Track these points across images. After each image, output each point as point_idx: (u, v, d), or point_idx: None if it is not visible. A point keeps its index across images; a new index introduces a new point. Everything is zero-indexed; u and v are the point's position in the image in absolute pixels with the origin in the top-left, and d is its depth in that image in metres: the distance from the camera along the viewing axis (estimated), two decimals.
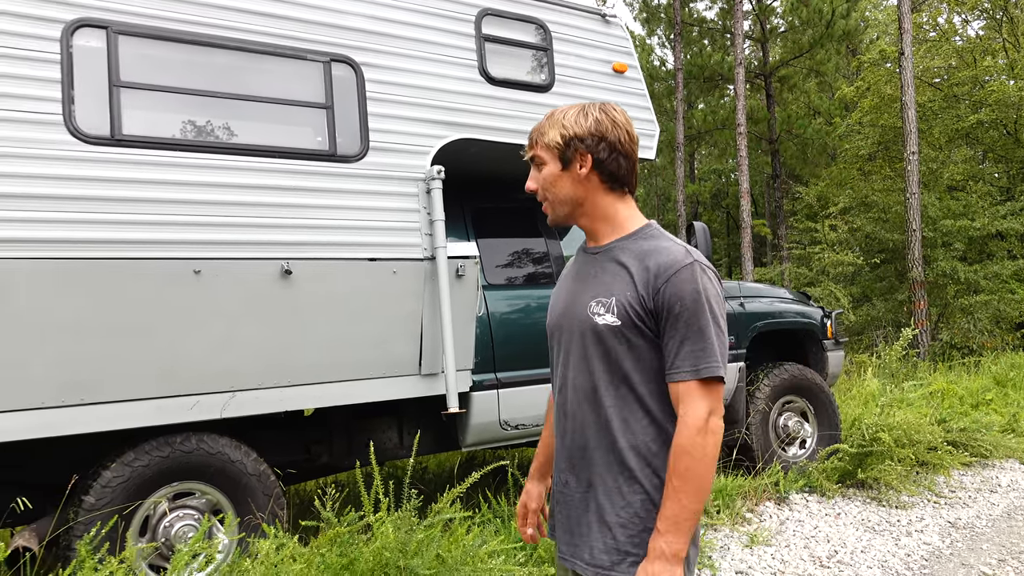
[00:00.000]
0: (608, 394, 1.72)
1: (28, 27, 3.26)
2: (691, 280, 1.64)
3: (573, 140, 1.74)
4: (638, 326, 1.68)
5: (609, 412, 1.72)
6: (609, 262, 1.76)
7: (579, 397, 1.77)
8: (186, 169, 3.53)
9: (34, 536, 3.47)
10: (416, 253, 4.09)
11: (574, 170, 1.75)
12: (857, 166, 18.00)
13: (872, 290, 15.51)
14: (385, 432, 4.65)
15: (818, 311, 6.41)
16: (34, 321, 3.20)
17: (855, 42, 22.44)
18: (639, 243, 1.75)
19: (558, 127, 1.76)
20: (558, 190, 1.78)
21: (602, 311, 1.71)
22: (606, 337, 1.70)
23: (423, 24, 4.26)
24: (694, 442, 1.59)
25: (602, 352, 1.72)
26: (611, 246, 1.78)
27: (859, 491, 5.70)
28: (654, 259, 1.68)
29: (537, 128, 1.80)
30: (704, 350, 1.62)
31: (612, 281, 1.72)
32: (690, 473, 1.59)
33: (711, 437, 1.61)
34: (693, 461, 1.59)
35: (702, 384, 1.62)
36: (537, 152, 1.79)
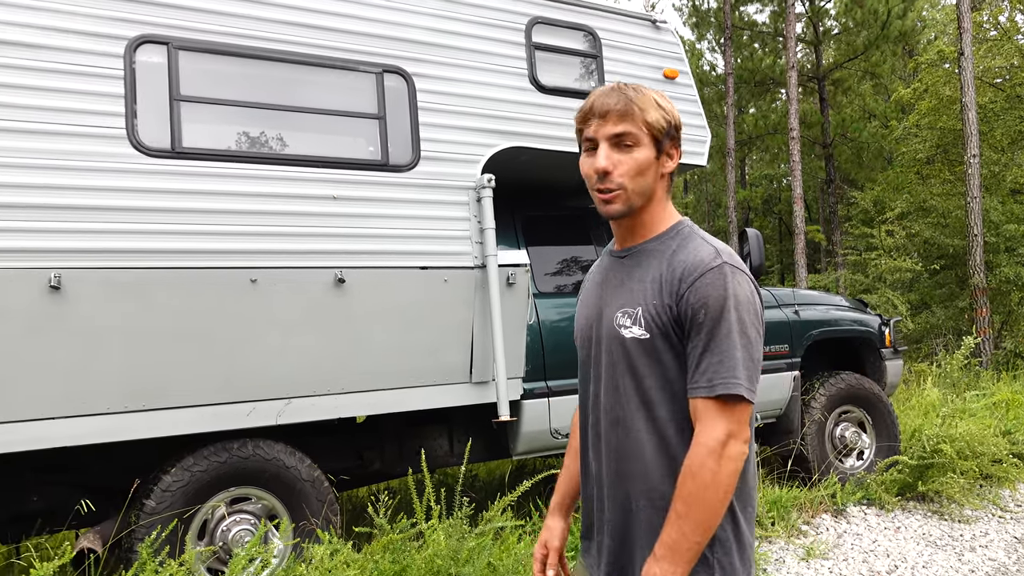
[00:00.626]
0: (639, 415, 1.55)
1: (94, 44, 3.37)
2: (718, 284, 1.46)
3: (672, 128, 1.57)
4: (667, 338, 1.51)
5: (642, 436, 1.55)
6: (636, 267, 1.60)
7: (610, 418, 1.60)
8: (243, 180, 3.61)
9: (98, 538, 3.57)
10: (467, 261, 4.11)
11: (662, 161, 1.58)
12: (915, 170, 17.56)
13: (931, 297, 15.10)
14: (436, 440, 4.68)
15: (875, 319, 6.26)
16: (100, 330, 3.30)
17: (912, 43, 21.92)
18: (667, 243, 1.58)
19: (658, 108, 1.54)
20: (644, 179, 1.55)
21: (629, 323, 1.55)
22: (633, 352, 1.54)
23: (473, 34, 4.29)
24: (704, 465, 1.42)
25: (630, 369, 1.56)
26: (639, 248, 1.62)
27: (920, 504, 5.54)
28: (680, 261, 1.52)
29: (626, 101, 1.53)
30: (723, 363, 1.44)
31: (638, 288, 1.56)
32: (694, 499, 1.42)
33: (726, 463, 1.42)
34: (698, 487, 1.42)
35: (719, 403, 1.44)
36: (634, 130, 1.53)
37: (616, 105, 1.52)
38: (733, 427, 1.44)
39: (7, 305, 3.12)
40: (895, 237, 14.79)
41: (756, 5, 22.37)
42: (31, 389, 3.18)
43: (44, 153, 3.23)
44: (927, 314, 14.52)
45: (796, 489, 5.34)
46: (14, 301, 3.14)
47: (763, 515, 4.85)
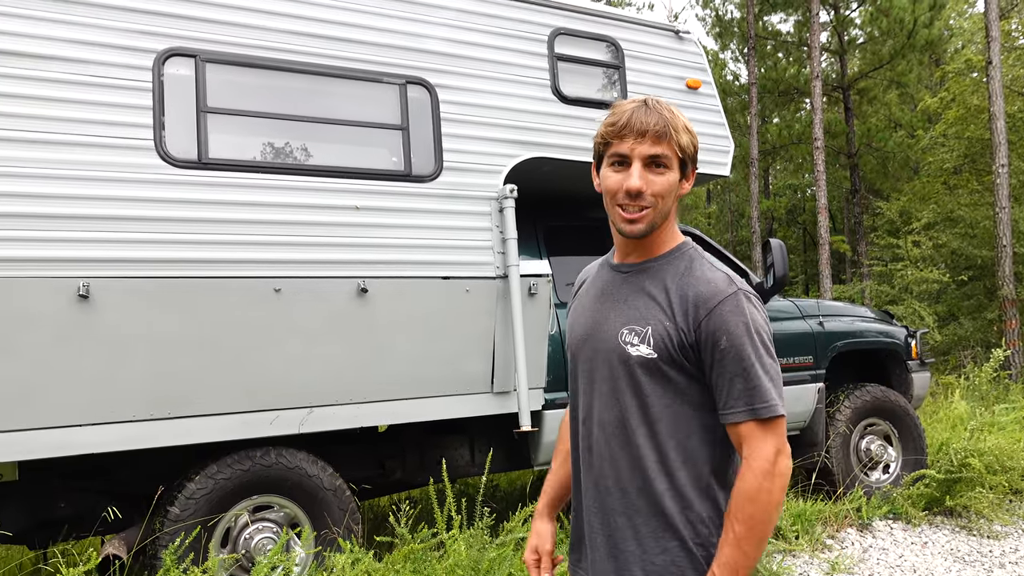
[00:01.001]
0: (640, 432, 1.56)
1: (123, 57, 3.43)
2: (737, 312, 1.50)
3: (696, 152, 1.60)
4: (676, 360, 1.53)
5: (642, 451, 1.56)
6: (642, 285, 1.60)
7: (607, 433, 1.60)
8: (267, 190, 3.65)
9: (123, 544, 3.60)
10: (489, 271, 4.12)
11: (682, 184, 1.59)
12: (942, 180, 17.36)
13: (959, 309, 14.89)
14: (457, 449, 4.68)
15: (902, 330, 6.18)
16: (126, 338, 3.34)
17: (938, 52, 21.71)
18: (674, 263, 1.60)
19: (688, 132, 1.56)
20: (668, 200, 1.57)
21: (636, 341, 1.55)
22: (638, 371, 1.55)
23: (496, 45, 4.32)
24: (760, 487, 1.45)
25: (633, 386, 1.56)
26: (645, 266, 1.62)
27: (947, 519, 5.45)
28: (694, 287, 1.53)
29: (663, 123, 1.53)
30: (758, 388, 1.49)
31: (647, 308, 1.57)
32: (754, 521, 1.45)
33: (778, 481, 1.47)
34: (758, 508, 1.45)
35: (761, 424, 1.49)
36: (667, 153, 1.53)
37: (655, 126, 1.52)
38: (779, 444, 1.50)
39: (37, 313, 3.18)
40: (922, 248, 14.62)
41: (780, 15, 22.26)
42: (59, 396, 3.23)
43: (74, 164, 3.28)
44: (954, 326, 14.32)
45: (820, 502, 5.28)
46: (44, 309, 3.19)
47: (787, 528, 4.80)
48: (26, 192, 3.19)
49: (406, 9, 4.10)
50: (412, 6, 4.12)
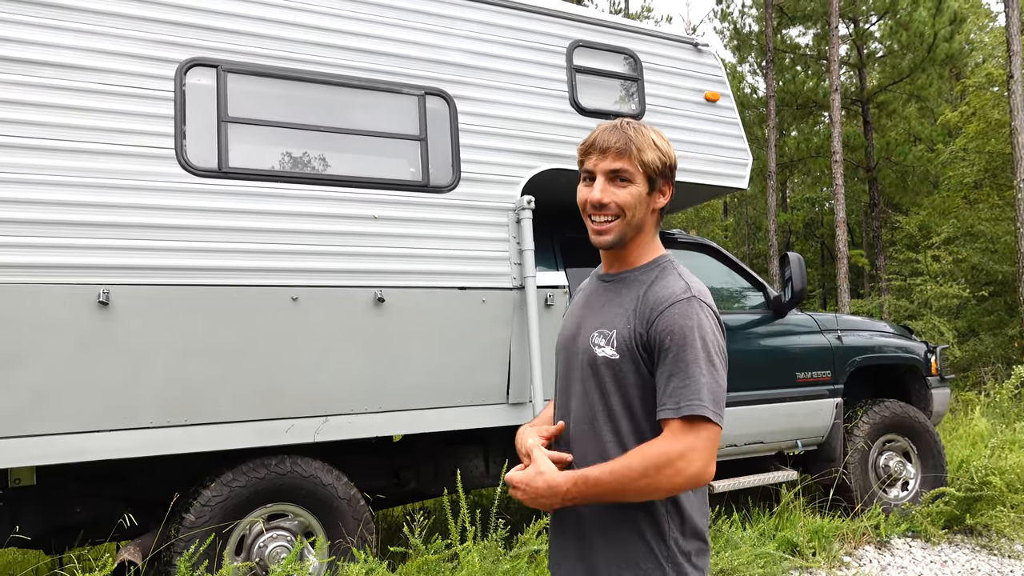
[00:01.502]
0: (606, 428, 1.65)
1: (146, 67, 3.47)
2: (684, 315, 1.57)
3: (666, 168, 1.68)
4: (636, 361, 1.61)
5: (604, 448, 1.63)
6: (616, 293, 1.71)
7: (579, 429, 1.70)
8: (286, 200, 3.67)
9: (138, 551, 3.62)
10: (505, 282, 4.12)
11: (654, 197, 1.69)
12: (962, 194, 17.22)
13: (979, 324, 14.74)
14: (472, 460, 4.67)
15: (921, 346, 6.12)
16: (144, 345, 3.36)
17: (959, 66, 21.57)
18: (648, 274, 1.69)
19: (654, 149, 1.65)
20: (636, 213, 1.67)
21: (603, 343, 1.65)
22: (603, 370, 1.65)
23: (515, 57, 4.33)
24: (651, 463, 1.51)
25: (599, 385, 1.66)
26: (622, 276, 1.73)
27: (967, 538, 5.38)
28: (653, 292, 1.63)
29: (626, 140, 1.64)
30: (688, 387, 1.53)
31: (616, 312, 1.67)
32: (629, 479, 1.52)
33: (671, 477, 1.50)
34: (635, 470, 1.51)
35: (684, 423, 1.52)
36: (629, 168, 1.64)
37: (616, 143, 1.65)
38: (694, 445, 1.52)
39: (57, 319, 3.21)
40: (941, 262, 14.50)
41: (799, 28, 22.22)
42: (77, 402, 3.26)
43: (96, 172, 3.32)
44: (975, 342, 14.18)
45: (838, 519, 5.22)
46: (64, 315, 3.22)
47: (804, 545, 4.75)
48: (48, 199, 3.23)
49: (425, 21, 4.12)
50: (431, 18, 4.14)
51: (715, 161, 4.91)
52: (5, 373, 3.13)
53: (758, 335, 5.33)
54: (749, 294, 5.54)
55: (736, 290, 5.53)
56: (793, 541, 4.78)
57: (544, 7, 4.50)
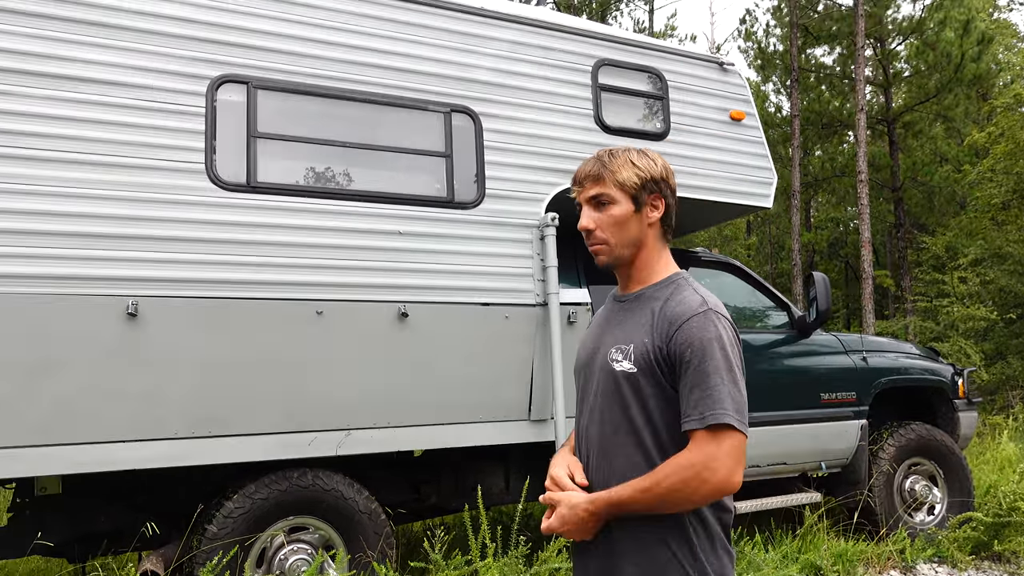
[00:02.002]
0: (622, 444, 1.68)
1: (179, 83, 3.54)
2: (703, 327, 1.61)
3: (649, 182, 1.73)
4: (654, 374, 1.65)
5: (622, 463, 1.67)
6: (633, 310, 1.75)
7: (595, 448, 1.74)
8: (313, 214, 3.71)
9: (160, 561, 3.64)
10: (529, 299, 4.13)
11: (644, 212, 1.74)
12: (990, 215, 17.01)
13: (1007, 347, 14.50)
14: (493, 476, 4.66)
15: (948, 368, 6.04)
16: (171, 357, 3.40)
17: (986, 86, 21.38)
18: (663, 291, 1.73)
19: (630, 167, 1.72)
20: (626, 232, 1.73)
21: (620, 357, 1.70)
22: (622, 384, 1.68)
23: (541, 75, 4.36)
24: (677, 471, 1.55)
25: (619, 399, 1.69)
26: (640, 294, 1.77)
27: (995, 565, 5.28)
28: (671, 307, 1.67)
29: (600, 166, 1.74)
30: (711, 396, 1.57)
31: (632, 329, 1.71)
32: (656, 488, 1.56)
33: (704, 486, 1.54)
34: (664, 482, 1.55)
35: (709, 433, 1.56)
36: (606, 191, 1.73)
37: (591, 171, 1.75)
38: (719, 453, 1.55)
39: (86, 330, 3.25)
40: (968, 284, 14.31)
41: (824, 47, 22.14)
42: (104, 412, 3.29)
43: (127, 186, 3.37)
44: (1002, 365, 13.95)
45: (863, 543, 5.15)
46: (93, 327, 3.26)
47: (827, 568, 4.69)
48: (79, 212, 3.28)
49: (452, 39, 4.16)
50: (458, 36, 4.18)
51: (740, 180, 4.90)
52: (34, 383, 3.18)
53: (782, 355, 5.29)
54: (773, 314, 5.50)
55: (760, 309, 5.50)
56: (817, 564, 4.72)
57: (570, 26, 4.53)
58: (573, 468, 1.77)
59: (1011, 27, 26.08)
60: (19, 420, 3.16)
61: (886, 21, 20.01)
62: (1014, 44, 25.18)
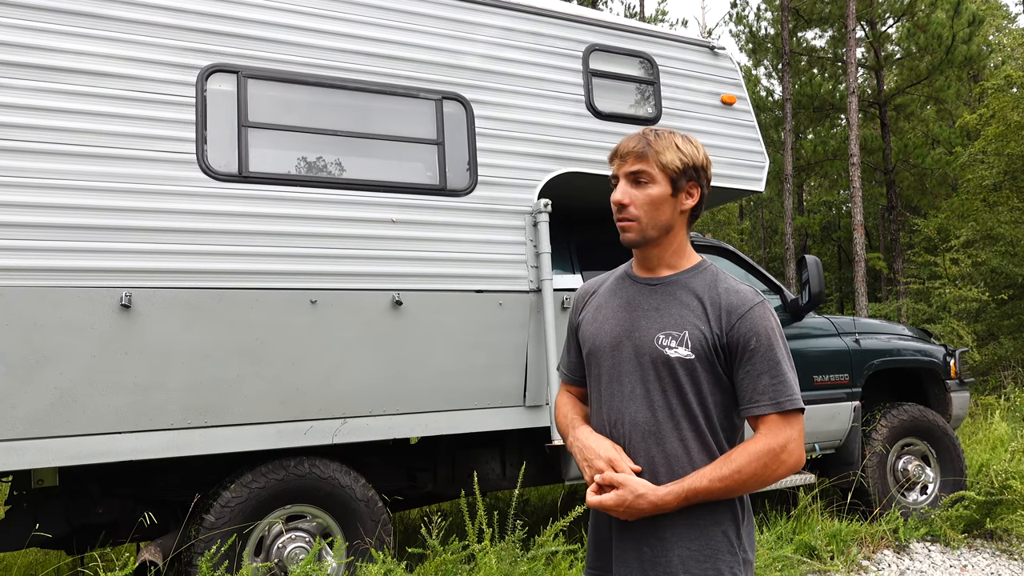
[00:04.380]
0: (675, 428, 1.70)
1: (169, 73, 3.52)
2: (764, 317, 1.69)
3: (690, 169, 1.73)
4: (711, 361, 1.69)
5: (676, 447, 1.69)
6: (673, 295, 1.75)
7: (640, 432, 1.71)
8: (306, 203, 3.71)
9: (159, 551, 3.65)
10: (522, 285, 4.14)
11: (680, 198, 1.75)
12: (981, 197, 17.06)
13: (999, 328, 14.59)
14: (488, 463, 4.68)
15: (940, 349, 6.08)
16: (166, 347, 3.40)
17: (977, 68, 21.41)
18: (703, 278, 1.76)
19: (675, 151, 1.72)
20: (660, 214, 1.73)
21: (674, 344, 1.70)
22: (677, 370, 1.70)
23: (532, 61, 4.35)
24: (761, 455, 1.63)
25: (671, 386, 1.70)
26: (674, 279, 1.77)
27: (987, 542, 5.33)
28: (725, 297, 1.71)
29: (645, 144, 1.72)
30: (783, 383, 1.66)
31: (683, 314, 1.72)
32: (740, 474, 1.62)
33: (778, 466, 1.64)
34: (747, 465, 1.62)
35: (783, 417, 1.65)
36: (648, 169, 1.71)
37: (635, 148, 1.73)
38: (794, 435, 1.65)
39: (81, 322, 3.25)
40: (960, 265, 14.37)
41: (815, 31, 22.12)
42: (100, 404, 3.30)
43: (118, 177, 3.37)
44: (994, 345, 14.05)
45: (856, 523, 5.20)
46: (87, 319, 3.26)
47: (822, 548, 4.73)
48: (71, 204, 3.27)
49: (442, 26, 4.15)
50: (448, 23, 4.17)
51: (732, 164, 4.91)
52: (29, 375, 3.18)
53: None
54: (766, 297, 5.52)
55: None
56: (811, 544, 4.76)
57: (560, 12, 4.52)
58: (619, 450, 1.73)
59: (1002, 8, 26.10)
60: (15, 413, 3.16)
61: (877, 3, 19.99)
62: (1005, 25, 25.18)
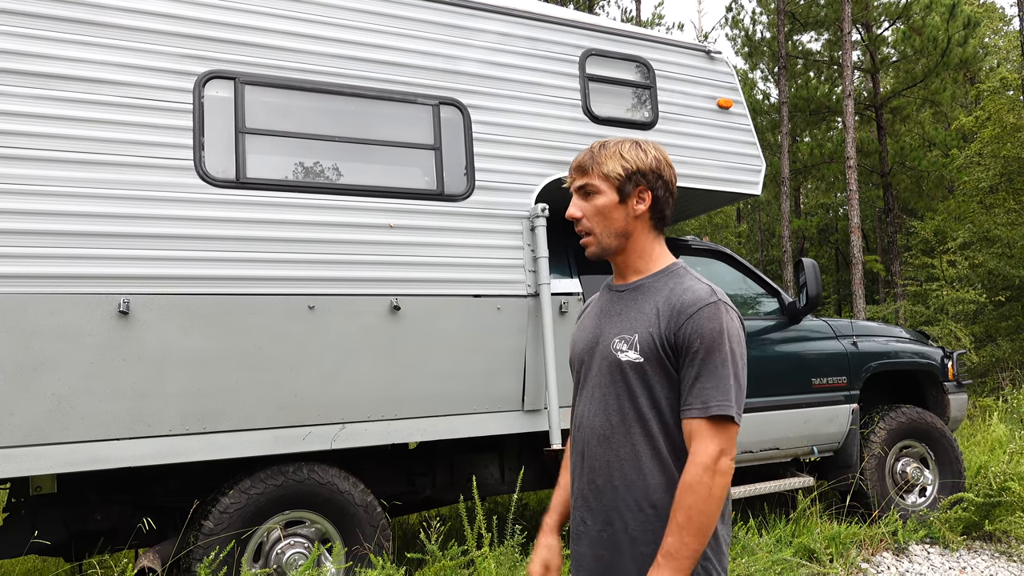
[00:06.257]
0: (626, 432, 1.69)
1: (166, 80, 3.53)
2: (713, 318, 1.63)
3: (635, 175, 1.74)
4: (661, 363, 1.67)
5: (627, 451, 1.69)
6: (635, 300, 1.75)
7: (596, 436, 1.74)
8: (303, 209, 3.71)
9: (157, 557, 3.65)
10: (520, 290, 4.14)
11: (630, 204, 1.75)
12: (978, 199, 17.11)
13: (996, 329, 14.61)
14: (487, 467, 4.68)
15: (938, 351, 6.09)
16: (164, 354, 3.40)
17: (973, 70, 21.45)
18: (665, 280, 1.74)
19: (618, 159, 1.74)
20: (611, 222, 1.75)
21: (625, 347, 1.70)
22: (629, 374, 1.69)
23: (528, 66, 4.36)
24: (700, 480, 1.57)
25: (624, 389, 1.70)
26: (639, 284, 1.77)
27: (986, 544, 5.34)
28: (679, 297, 1.68)
29: (589, 157, 1.77)
30: (716, 388, 1.60)
31: (637, 318, 1.72)
32: (692, 511, 1.56)
33: (719, 478, 1.58)
34: (697, 499, 1.56)
35: (711, 423, 1.60)
36: (592, 181, 1.75)
37: (579, 162, 1.79)
38: (724, 445, 1.60)
39: (79, 329, 3.25)
40: (957, 267, 14.40)
41: (811, 34, 22.16)
42: (98, 410, 3.29)
43: (116, 184, 3.37)
44: (992, 347, 14.06)
45: (855, 525, 5.20)
46: (85, 325, 3.26)
47: (821, 551, 4.73)
48: (69, 211, 3.28)
49: (440, 32, 4.16)
50: (446, 29, 4.18)
51: (728, 168, 4.92)
52: (28, 382, 3.18)
53: (773, 341, 5.32)
54: (764, 300, 5.54)
55: (750, 296, 5.53)
56: (810, 547, 4.76)
57: (557, 16, 4.54)
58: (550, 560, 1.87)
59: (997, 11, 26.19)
60: (13, 420, 3.15)
61: (872, 6, 20.04)
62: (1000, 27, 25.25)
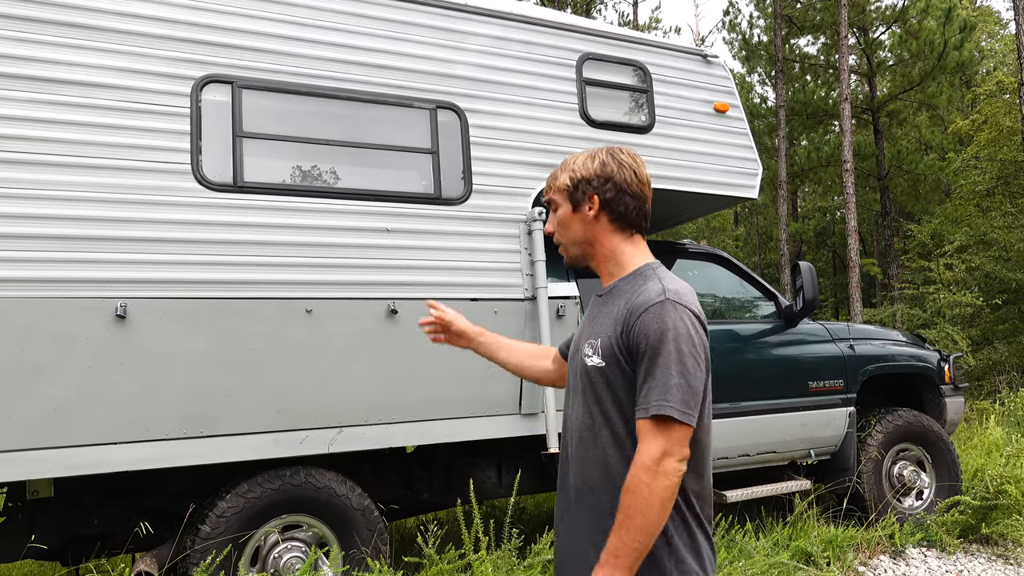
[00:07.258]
0: (596, 435, 1.73)
1: (163, 84, 3.53)
2: (657, 318, 1.63)
3: (580, 182, 1.81)
4: (620, 366, 1.69)
5: (598, 453, 1.72)
6: (607, 304, 1.80)
7: (575, 439, 1.80)
8: (301, 213, 3.71)
9: (154, 562, 3.64)
10: (517, 293, 4.15)
11: (583, 211, 1.81)
12: (974, 202, 17.15)
13: (993, 333, 14.64)
14: (485, 471, 4.68)
15: (934, 354, 6.10)
16: (161, 358, 3.40)
17: (969, 74, 21.52)
18: (632, 283, 1.77)
19: (568, 171, 1.84)
20: (570, 231, 1.85)
21: (591, 352, 1.75)
22: (594, 378, 1.74)
23: (525, 70, 4.37)
24: (640, 481, 1.57)
25: (592, 394, 1.75)
26: (612, 287, 1.82)
27: (983, 547, 5.34)
28: (634, 299, 1.70)
29: (552, 174, 1.89)
30: (657, 388, 1.60)
31: (604, 323, 1.76)
32: (632, 511, 1.57)
33: (660, 479, 1.56)
34: (636, 500, 1.57)
35: (653, 423, 1.59)
36: (551, 196, 1.87)
37: (547, 182, 1.91)
38: (667, 446, 1.58)
39: (76, 333, 3.25)
40: (954, 271, 14.43)
41: (808, 37, 22.22)
42: (95, 415, 3.29)
43: (114, 188, 3.37)
44: (989, 350, 14.09)
45: (852, 528, 5.20)
46: (82, 329, 3.26)
47: (818, 554, 4.74)
48: (67, 215, 3.28)
49: (436, 36, 4.17)
50: (443, 33, 4.19)
51: (725, 171, 4.93)
52: (24, 386, 3.17)
53: (770, 345, 5.33)
54: (760, 304, 5.54)
55: (747, 300, 5.53)
56: (807, 551, 4.76)
57: (554, 20, 4.55)
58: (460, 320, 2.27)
59: (993, 14, 26.27)
60: (9, 424, 3.15)
61: (869, 10, 20.10)
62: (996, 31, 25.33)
